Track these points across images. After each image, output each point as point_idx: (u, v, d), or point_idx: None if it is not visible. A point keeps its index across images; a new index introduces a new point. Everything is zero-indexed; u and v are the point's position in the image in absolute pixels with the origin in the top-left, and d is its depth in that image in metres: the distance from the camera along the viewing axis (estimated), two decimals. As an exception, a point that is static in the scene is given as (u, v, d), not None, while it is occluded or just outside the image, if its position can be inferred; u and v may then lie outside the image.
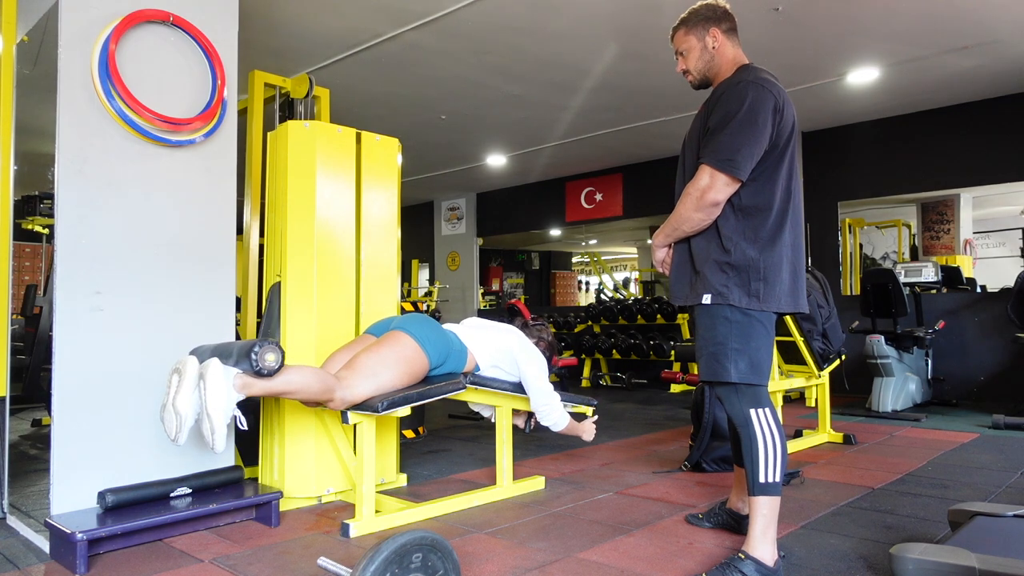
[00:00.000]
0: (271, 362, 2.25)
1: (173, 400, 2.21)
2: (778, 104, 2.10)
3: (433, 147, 7.90)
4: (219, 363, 2.22)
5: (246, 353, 2.24)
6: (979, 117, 6.27)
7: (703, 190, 2.08)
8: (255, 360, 2.22)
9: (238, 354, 2.25)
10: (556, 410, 3.02)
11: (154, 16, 2.68)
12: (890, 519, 2.67)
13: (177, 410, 2.19)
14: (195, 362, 2.26)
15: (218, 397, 2.17)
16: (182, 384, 2.22)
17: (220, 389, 2.18)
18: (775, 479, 2.06)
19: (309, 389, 2.42)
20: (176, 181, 2.75)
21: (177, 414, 2.19)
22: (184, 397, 2.20)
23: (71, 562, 2.20)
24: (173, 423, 2.19)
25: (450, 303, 10.66)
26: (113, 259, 2.57)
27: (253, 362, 2.22)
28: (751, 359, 2.09)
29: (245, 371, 2.24)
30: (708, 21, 2.26)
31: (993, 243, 11.96)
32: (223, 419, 2.18)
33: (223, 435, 2.18)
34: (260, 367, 2.23)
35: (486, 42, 4.90)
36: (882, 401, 5.31)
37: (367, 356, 2.64)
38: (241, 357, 2.24)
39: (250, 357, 2.22)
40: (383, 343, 2.71)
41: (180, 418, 2.18)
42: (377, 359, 2.63)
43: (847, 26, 4.67)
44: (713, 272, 2.12)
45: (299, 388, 2.39)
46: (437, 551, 1.69)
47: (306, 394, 2.44)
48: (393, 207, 3.33)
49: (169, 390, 2.25)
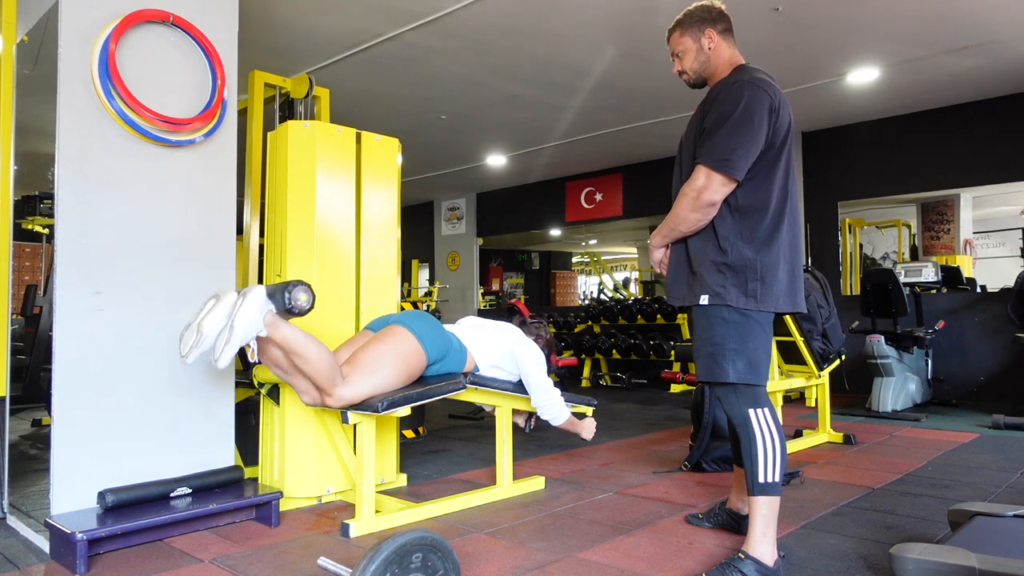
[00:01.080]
0: (303, 302, 2.33)
1: (201, 319, 2.27)
2: (774, 104, 2.10)
3: (433, 147, 7.90)
4: (262, 290, 2.31)
5: (281, 290, 2.32)
6: (979, 117, 6.27)
7: (699, 190, 2.08)
8: (288, 297, 2.30)
9: (271, 290, 2.33)
10: (556, 404, 3.01)
11: (154, 16, 2.68)
12: (890, 519, 2.67)
13: (201, 328, 2.24)
14: (235, 293, 2.33)
15: (248, 315, 2.25)
16: (217, 307, 2.28)
17: (253, 309, 2.26)
18: (774, 479, 2.06)
19: (320, 365, 2.43)
20: (176, 181, 2.75)
21: (200, 332, 2.24)
22: (214, 318, 2.25)
23: (71, 562, 2.20)
24: (191, 340, 2.25)
25: (450, 303, 10.66)
26: (113, 259, 2.57)
27: (287, 299, 2.30)
28: (749, 359, 2.09)
29: (277, 309, 2.32)
30: (703, 22, 2.26)
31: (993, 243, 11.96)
32: (242, 335, 2.24)
33: (232, 352, 2.23)
34: (292, 305, 2.31)
35: (486, 42, 4.90)
36: (882, 401, 5.31)
37: (365, 352, 2.64)
38: (275, 294, 2.32)
39: (284, 293, 2.30)
40: (381, 338, 2.71)
41: (200, 336, 2.23)
42: (375, 355, 2.63)
43: (847, 26, 4.67)
44: (710, 273, 2.12)
45: (312, 357, 2.41)
46: (437, 551, 1.69)
47: (315, 368, 2.44)
48: (393, 207, 3.33)
49: (201, 311, 2.31)
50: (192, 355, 2.24)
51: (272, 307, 2.32)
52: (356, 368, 2.58)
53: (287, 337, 2.36)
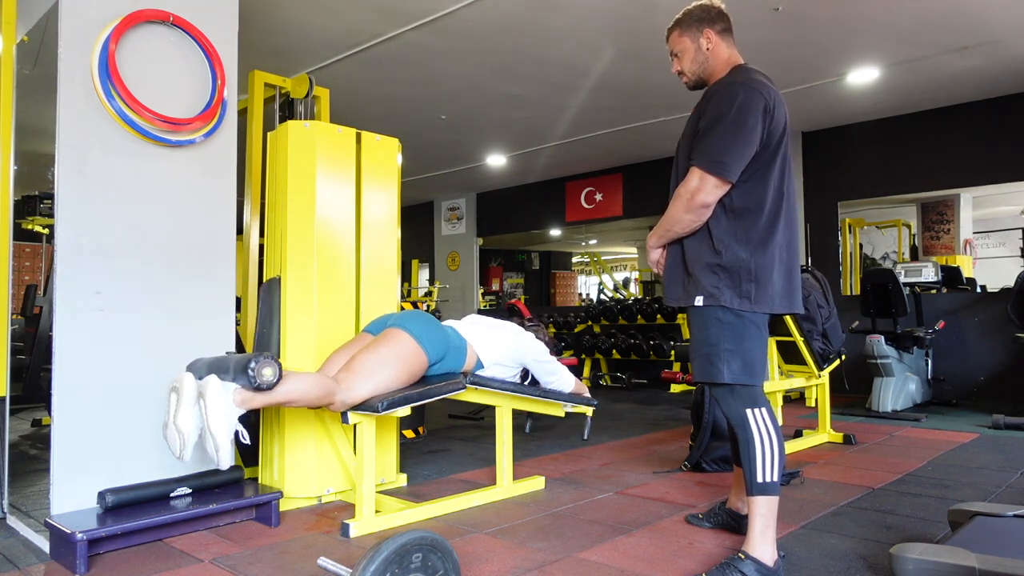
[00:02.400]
0: (269, 376, 2.22)
1: (174, 418, 2.18)
2: (768, 105, 2.10)
3: (433, 147, 7.90)
4: (217, 380, 2.19)
5: (243, 368, 2.19)
6: (979, 117, 6.27)
7: (693, 192, 2.08)
8: (252, 376, 2.19)
9: (235, 369, 2.22)
10: (563, 379, 3.26)
11: (154, 16, 2.68)
12: (890, 519, 2.67)
13: (179, 428, 2.16)
14: (192, 379, 2.23)
15: (219, 415, 2.15)
16: (181, 402, 2.19)
17: (220, 406, 2.16)
18: (773, 479, 2.06)
19: (309, 396, 2.41)
20: (176, 181, 2.75)
21: (180, 432, 2.16)
22: (185, 415, 2.17)
23: (71, 562, 2.20)
24: (177, 441, 2.17)
25: (450, 303, 10.66)
26: (113, 259, 2.57)
27: (251, 378, 2.19)
28: (744, 360, 2.09)
29: (244, 386, 2.21)
30: (702, 22, 2.26)
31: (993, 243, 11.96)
32: (226, 436, 2.16)
33: (228, 452, 2.16)
34: (258, 383, 2.20)
35: (486, 42, 4.90)
36: (882, 401, 5.30)
37: (365, 356, 2.64)
38: (238, 372, 2.20)
39: (247, 373, 2.18)
40: (380, 341, 2.70)
41: (183, 436, 2.16)
42: (375, 359, 2.62)
43: (847, 26, 4.67)
44: (704, 274, 2.12)
45: (299, 397, 2.38)
46: (437, 551, 1.69)
47: (306, 401, 2.43)
48: (393, 207, 3.33)
49: (169, 408, 2.23)
50: (186, 454, 2.18)
51: (236, 385, 2.22)
52: (356, 372, 2.56)
53: (266, 403, 2.30)
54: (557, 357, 3.32)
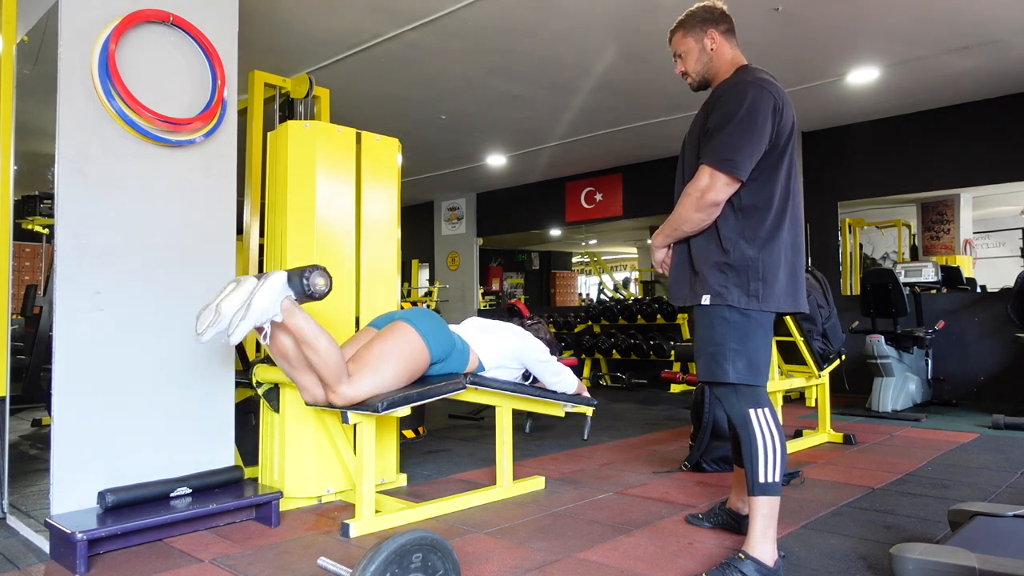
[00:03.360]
0: (321, 285, 2.37)
1: (220, 301, 2.30)
2: (777, 104, 2.10)
3: (433, 147, 7.90)
4: (284, 275, 2.34)
5: (299, 274, 2.35)
6: (979, 117, 6.27)
7: (703, 190, 2.08)
8: (306, 282, 2.33)
9: (290, 275, 2.36)
10: (566, 380, 3.25)
11: (154, 16, 2.68)
12: (890, 519, 2.67)
13: (220, 309, 2.27)
14: (255, 278, 2.35)
15: (266, 296, 2.28)
16: (237, 289, 2.32)
17: (272, 292, 2.30)
18: (775, 479, 2.06)
19: (328, 358, 2.45)
20: (176, 181, 2.75)
21: (218, 312, 2.26)
22: (233, 300, 2.29)
23: (71, 562, 2.20)
24: (208, 319, 2.27)
25: (450, 303, 10.66)
26: (113, 259, 2.57)
27: (304, 283, 2.33)
28: (749, 359, 2.09)
29: (295, 294, 2.35)
30: (705, 23, 2.26)
31: (993, 243, 11.96)
32: (258, 314, 2.27)
33: (246, 329, 2.25)
34: (311, 289, 2.33)
35: (486, 42, 4.90)
36: (882, 401, 5.30)
37: (370, 349, 2.64)
38: (293, 278, 2.34)
39: (302, 278, 2.33)
40: (385, 335, 2.70)
41: (219, 316, 2.26)
42: (380, 352, 2.63)
43: (847, 26, 4.66)
44: (712, 273, 2.12)
45: (323, 349, 2.43)
46: (437, 551, 1.69)
47: (323, 360, 2.45)
48: (393, 207, 3.33)
49: (221, 292, 2.34)
50: (208, 334, 2.26)
51: (291, 293, 2.36)
52: (360, 366, 2.58)
53: (301, 326, 2.38)
54: (558, 357, 3.32)
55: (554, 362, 3.20)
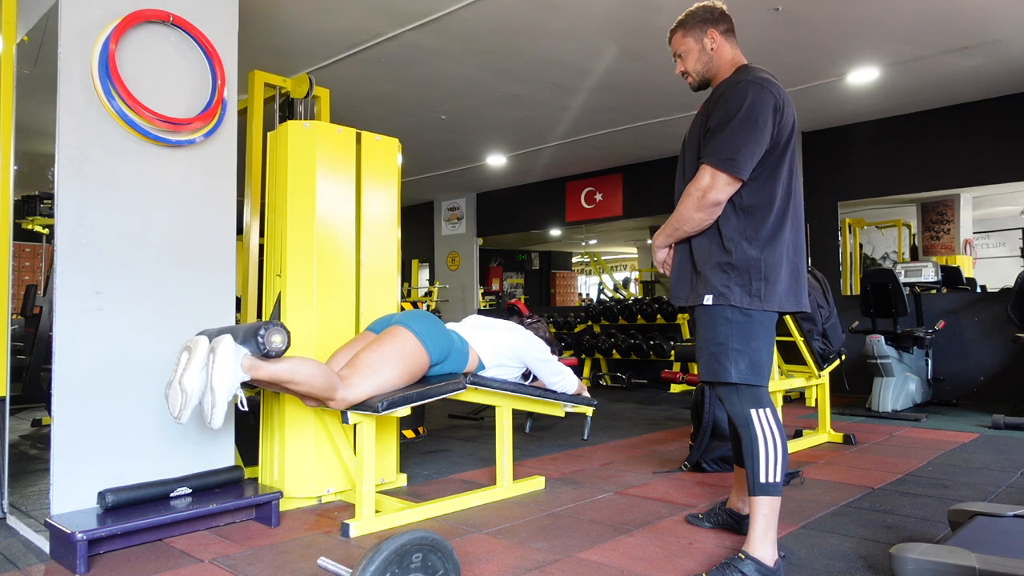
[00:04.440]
0: (277, 343, 2.28)
1: (180, 377, 2.23)
2: (778, 103, 2.10)
3: (433, 147, 7.90)
4: (231, 339, 2.25)
5: (253, 334, 2.26)
6: (979, 117, 6.27)
7: (704, 190, 2.08)
8: (261, 341, 2.25)
9: (244, 334, 2.28)
10: (567, 380, 3.24)
11: (154, 16, 2.68)
12: (890, 519, 2.67)
13: (184, 387, 2.21)
14: (206, 341, 2.29)
15: (224, 372, 2.21)
16: (192, 361, 2.24)
17: (227, 364, 2.22)
18: (776, 479, 2.06)
19: (313, 382, 2.43)
20: (176, 181, 2.75)
21: (183, 391, 2.21)
22: (192, 374, 2.22)
23: (71, 562, 2.20)
24: (178, 400, 2.22)
25: (450, 303, 10.66)
26: (113, 259, 2.57)
27: (260, 343, 2.25)
28: (751, 359, 2.09)
29: (252, 352, 2.27)
30: (705, 23, 2.26)
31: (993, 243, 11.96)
32: (226, 394, 2.20)
33: (223, 411, 2.20)
34: (267, 349, 2.26)
35: (486, 42, 4.90)
36: (882, 401, 5.30)
37: (368, 353, 2.64)
38: (248, 337, 2.27)
39: (256, 338, 2.25)
40: (383, 339, 2.70)
41: (186, 395, 2.20)
42: (378, 356, 2.63)
43: (847, 26, 4.66)
44: (714, 272, 2.12)
45: (304, 380, 2.40)
46: (437, 551, 1.69)
47: (309, 387, 2.44)
48: (393, 207, 3.33)
49: (178, 367, 2.28)
50: (185, 415, 2.22)
51: (246, 350, 2.28)
52: (358, 370, 2.57)
53: (271, 374, 2.33)
54: (558, 357, 3.31)
55: (555, 361, 3.19)
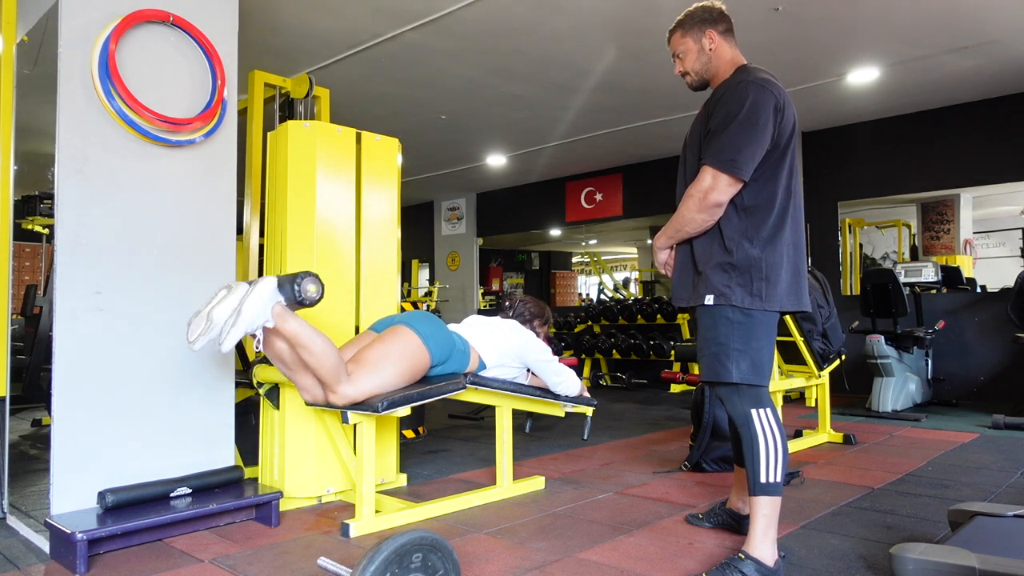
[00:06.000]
0: (312, 292, 2.36)
1: (211, 308, 2.28)
2: (779, 104, 2.10)
3: (433, 147, 7.90)
4: (274, 281, 2.33)
5: (290, 281, 2.34)
6: (979, 117, 6.27)
7: (706, 191, 2.08)
8: (297, 288, 2.32)
9: (281, 281, 2.35)
10: (569, 381, 3.18)
11: (154, 16, 2.68)
12: (890, 519, 2.67)
13: (211, 317, 2.25)
14: (246, 285, 2.34)
15: (256, 303, 2.27)
16: (228, 297, 2.30)
17: (262, 299, 2.29)
18: (776, 479, 2.06)
19: (325, 359, 2.44)
20: (176, 181, 2.75)
21: (209, 320, 2.25)
22: (224, 308, 2.27)
23: (71, 562, 2.20)
24: (199, 327, 2.26)
25: (450, 303, 10.66)
26: (113, 259, 2.57)
27: (296, 290, 2.32)
28: (753, 359, 2.09)
29: (287, 300, 2.34)
30: (704, 23, 2.26)
31: (993, 243, 11.96)
32: (248, 321, 2.25)
33: (236, 336, 2.24)
34: (302, 296, 2.33)
35: (486, 42, 4.90)
36: (882, 401, 5.30)
37: (371, 351, 2.64)
38: (284, 284, 2.34)
39: (293, 284, 2.32)
40: (387, 337, 2.71)
41: (210, 324, 2.24)
42: (381, 354, 2.63)
43: (847, 26, 4.66)
44: (715, 273, 2.12)
45: (319, 352, 2.42)
46: (437, 551, 1.69)
47: (319, 363, 2.44)
48: (393, 207, 3.33)
49: (212, 299, 2.33)
50: (200, 342, 2.25)
51: (281, 298, 2.35)
52: (360, 367, 2.58)
53: (294, 330, 2.37)
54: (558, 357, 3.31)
55: (556, 362, 3.18)
